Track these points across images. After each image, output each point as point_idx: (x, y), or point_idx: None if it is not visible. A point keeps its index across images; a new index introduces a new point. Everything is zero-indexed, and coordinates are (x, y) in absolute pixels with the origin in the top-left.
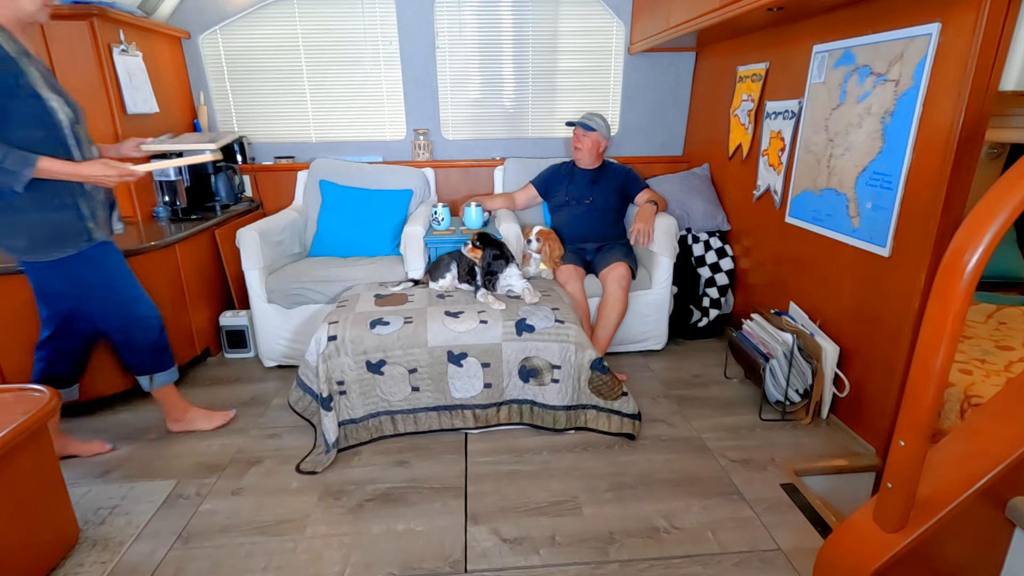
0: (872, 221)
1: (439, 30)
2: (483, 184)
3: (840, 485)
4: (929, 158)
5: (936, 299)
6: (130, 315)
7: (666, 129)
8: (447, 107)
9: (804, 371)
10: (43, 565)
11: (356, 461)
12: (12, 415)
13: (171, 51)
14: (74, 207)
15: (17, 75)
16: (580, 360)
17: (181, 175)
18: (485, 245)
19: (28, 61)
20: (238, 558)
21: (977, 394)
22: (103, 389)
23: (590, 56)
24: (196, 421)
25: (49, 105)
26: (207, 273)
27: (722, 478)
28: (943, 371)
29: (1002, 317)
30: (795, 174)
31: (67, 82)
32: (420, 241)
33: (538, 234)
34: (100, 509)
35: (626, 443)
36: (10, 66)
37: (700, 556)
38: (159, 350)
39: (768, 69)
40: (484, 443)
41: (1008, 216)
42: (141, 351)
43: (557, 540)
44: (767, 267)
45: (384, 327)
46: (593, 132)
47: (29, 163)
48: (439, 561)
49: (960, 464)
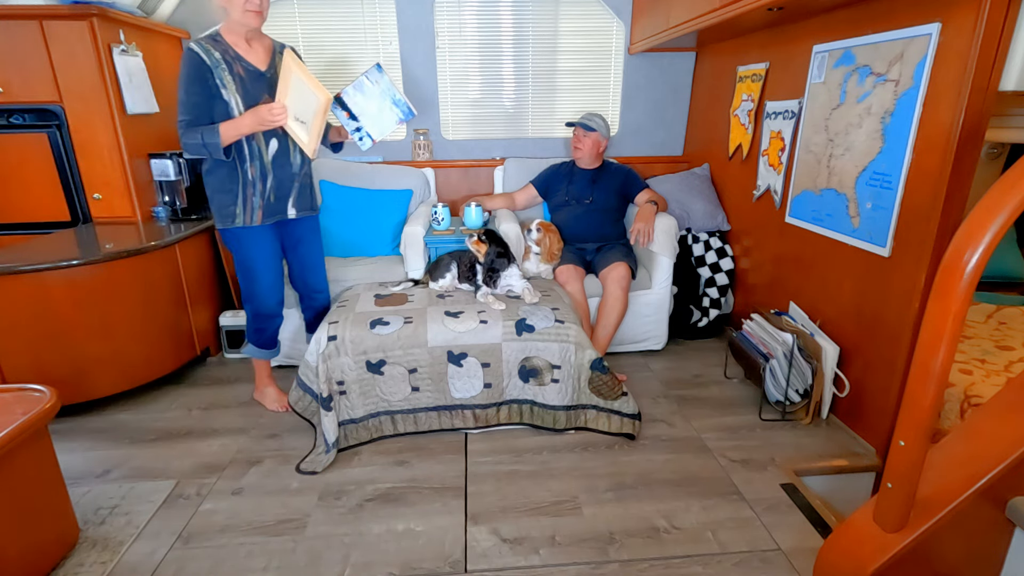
0: (872, 221)
1: (439, 30)
2: (483, 184)
3: (840, 485)
4: (929, 158)
5: (936, 299)
6: (245, 292)
7: (666, 129)
8: (447, 107)
9: (804, 371)
10: (43, 565)
11: (356, 461)
12: (12, 415)
13: (171, 51)
14: (231, 191)
15: (214, 80)
16: (580, 360)
17: (181, 175)
18: (491, 241)
19: (225, 69)
20: (238, 558)
21: (977, 394)
22: (103, 389)
23: (590, 56)
24: (264, 398)
25: (232, 110)
26: (207, 273)
27: (722, 478)
28: (943, 371)
29: (1002, 317)
30: (795, 174)
31: (67, 82)
32: (420, 241)
33: (538, 224)
34: (100, 509)
35: (626, 443)
36: (206, 72)
37: (700, 556)
38: (252, 328)
39: (768, 69)
40: (484, 443)
41: (1008, 216)
42: (246, 321)
43: (557, 540)
44: (767, 267)
45: (384, 327)
46: (593, 132)
47: (215, 132)
48: (439, 561)
49: (960, 464)
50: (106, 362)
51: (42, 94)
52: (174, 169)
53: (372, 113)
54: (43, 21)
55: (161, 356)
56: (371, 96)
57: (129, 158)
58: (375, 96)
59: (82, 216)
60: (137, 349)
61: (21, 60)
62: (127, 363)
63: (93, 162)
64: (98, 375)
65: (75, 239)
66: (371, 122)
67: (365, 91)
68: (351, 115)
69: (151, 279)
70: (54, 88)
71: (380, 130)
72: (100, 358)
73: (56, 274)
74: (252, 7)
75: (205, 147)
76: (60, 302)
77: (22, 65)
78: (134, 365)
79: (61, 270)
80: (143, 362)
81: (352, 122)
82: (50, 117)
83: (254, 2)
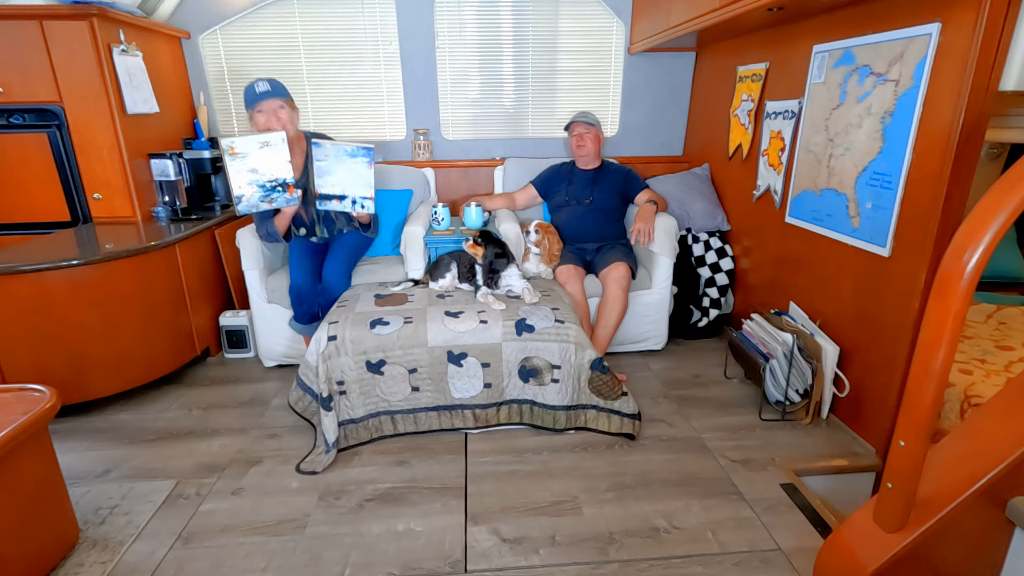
0: (872, 221)
1: (439, 30)
2: (483, 184)
3: (840, 485)
4: (929, 158)
5: (936, 299)
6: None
7: (666, 129)
8: (447, 107)
9: (804, 371)
10: (43, 565)
11: (356, 461)
12: (12, 415)
13: (171, 51)
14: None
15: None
16: (580, 360)
17: (181, 175)
18: (487, 243)
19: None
20: (238, 558)
21: (977, 394)
22: (103, 389)
23: (590, 56)
24: None
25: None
26: (207, 273)
27: (722, 478)
28: (943, 371)
29: (1002, 317)
30: (795, 174)
31: (67, 82)
32: (420, 241)
33: (536, 226)
34: (100, 509)
35: (626, 443)
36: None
37: (700, 556)
38: (293, 306)
39: (768, 69)
40: (484, 443)
41: (1008, 216)
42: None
43: (557, 540)
44: (767, 267)
45: (384, 327)
46: (594, 127)
47: (273, 225)
48: (439, 561)
49: (960, 464)
50: (106, 362)
51: (42, 94)
52: (174, 169)
53: (346, 179)
54: (43, 21)
55: (161, 356)
56: (333, 167)
57: (129, 158)
58: (335, 163)
59: (82, 216)
60: (137, 349)
61: (21, 60)
62: (127, 363)
63: (93, 162)
64: (98, 375)
65: (75, 239)
66: (352, 187)
67: (327, 167)
68: (338, 198)
69: (151, 279)
70: (54, 88)
71: (364, 187)
72: (100, 358)
73: (56, 274)
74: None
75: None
76: (60, 302)
77: (22, 65)
78: (134, 365)
79: (61, 270)
80: (143, 362)
81: (343, 201)
82: (50, 117)
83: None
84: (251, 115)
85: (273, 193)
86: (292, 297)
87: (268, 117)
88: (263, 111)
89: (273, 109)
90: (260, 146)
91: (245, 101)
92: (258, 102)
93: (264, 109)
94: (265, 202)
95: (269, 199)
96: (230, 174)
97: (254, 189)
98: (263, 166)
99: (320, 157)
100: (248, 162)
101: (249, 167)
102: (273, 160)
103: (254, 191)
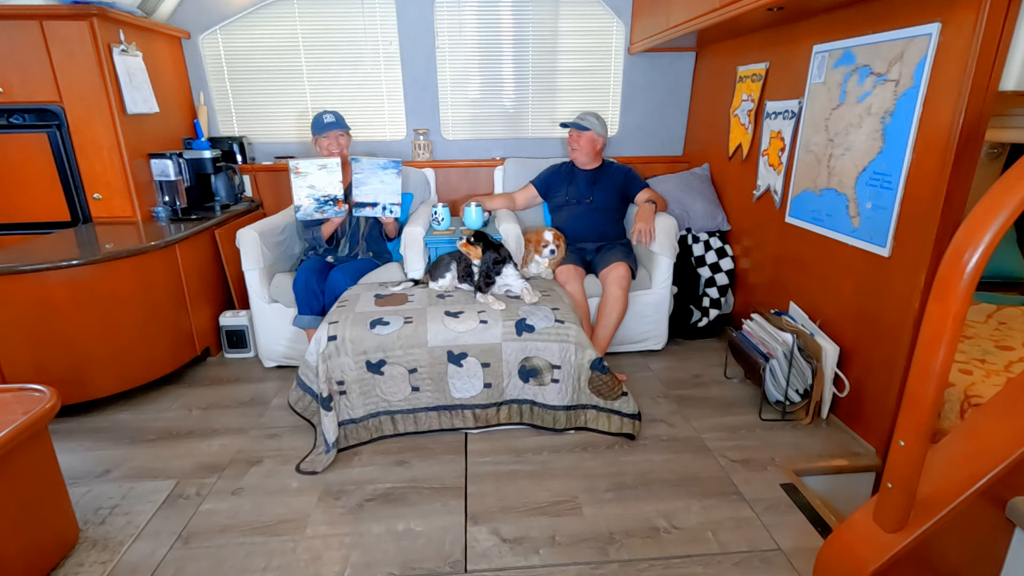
0: (872, 221)
1: (439, 30)
2: (483, 184)
3: (840, 485)
4: (929, 158)
5: (936, 299)
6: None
7: (666, 129)
8: (447, 107)
9: (804, 371)
10: (43, 565)
11: (356, 461)
12: (12, 415)
13: (171, 51)
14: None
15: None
16: (580, 360)
17: (181, 175)
18: (486, 248)
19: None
20: (238, 558)
21: (977, 394)
22: (103, 389)
23: (590, 56)
24: None
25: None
26: (207, 273)
27: (722, 478)
28: (943, 371)
29: (1002, 317)
30: (795, 174)
31: (67, 82)
32: (420, 241)
33: (555, 242)
34: (100, 509)
35: (626, 443)
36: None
37: (700, 556)
38: (297, 299)
39: (768, 69)
40: (484, 443)
41: (1008, 216)
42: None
43: (557, 540)
44: (767, 267)
45: (384, 327)
46: (587, 131)
47: (319, 231)
48: (439, 561)
49: (960, 464)
50: (106, 362)
51: (42, 94)
52: (174, 169)
53: (378, 189)
54: (43, 21)
55: (161, 356)
56: (367, 179)
57: (129, 158)
58: (369, 175)
59: (82, 216)
60: (137, 349)
61: (21, 60)
62: (127, 363)
63: (93, 162)
64: (98, 375)
65: (75, 239)
66: (383, 195)
67: (363, 179)
68: (371, 205)
69: (151, 279)
70: (54, 88)
71: (392, 195)
72: (100, 358)
73: (56, 274)
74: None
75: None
76: (60, 302)
77: (22, 65)
78: (134, 365)
79: (61, 270)
80: (143, 362)
81: (375, 208)
82: (50, 117)
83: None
84: (316, 139)
85: (325, 205)
86: (297, 288)
87: (331, 142)
88: (328, 137)
89: (335, 137)
90: (319, 168)
91: (313, 128)
92: (326, 131)
93: (329, 136)
94: (318, 212)
95: (321, 210)
96: (293, 188)
97: (311, 201)
98: (319, 184)
99: (358, 171)
100: (308, 180)
101: (308, 184)
102: (328, 179)
103: (310, 203)
